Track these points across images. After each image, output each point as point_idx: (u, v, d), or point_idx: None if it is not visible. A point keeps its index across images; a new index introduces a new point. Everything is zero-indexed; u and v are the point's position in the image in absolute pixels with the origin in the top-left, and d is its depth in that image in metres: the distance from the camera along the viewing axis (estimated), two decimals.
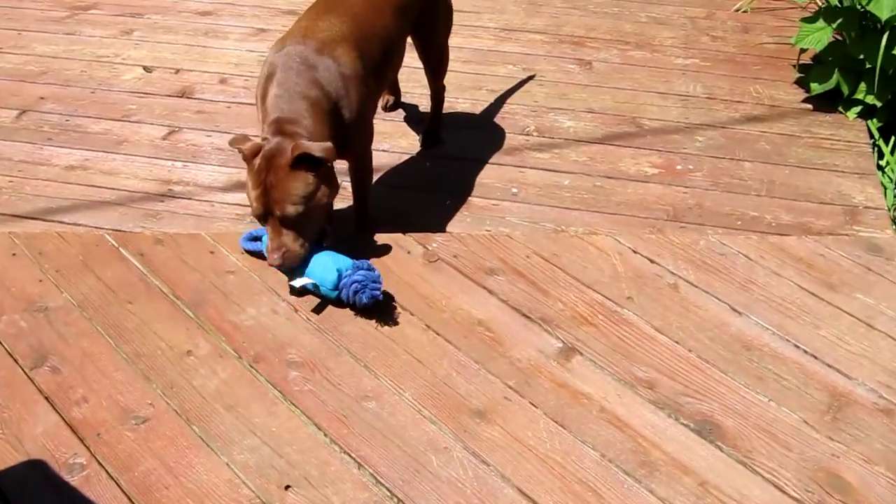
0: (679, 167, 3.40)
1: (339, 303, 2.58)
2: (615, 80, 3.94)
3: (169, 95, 3.89)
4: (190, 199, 3.30)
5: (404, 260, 2.73)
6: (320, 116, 2.58)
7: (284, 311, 2.58)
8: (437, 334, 2.50)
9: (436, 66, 3.42)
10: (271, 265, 2.52)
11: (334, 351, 2.46)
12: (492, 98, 3.82)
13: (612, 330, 2.53)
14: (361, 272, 2.51)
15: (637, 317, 2.55)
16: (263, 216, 2.51)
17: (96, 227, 3.17)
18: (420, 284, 2.65)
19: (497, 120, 3.69)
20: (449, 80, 3.51)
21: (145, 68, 4.06)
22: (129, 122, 3.72)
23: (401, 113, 3.74)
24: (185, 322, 2.55)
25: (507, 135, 3.60)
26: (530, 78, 3.96)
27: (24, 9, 4.64)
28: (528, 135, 3.60)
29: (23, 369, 2.42)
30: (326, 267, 2.54)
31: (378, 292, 2.51)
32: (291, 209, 2.47)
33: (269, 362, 2.43)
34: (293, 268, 2.55)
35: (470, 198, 3.28)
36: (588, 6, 4.57)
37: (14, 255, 2.78)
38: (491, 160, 3.46)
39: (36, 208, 3.28)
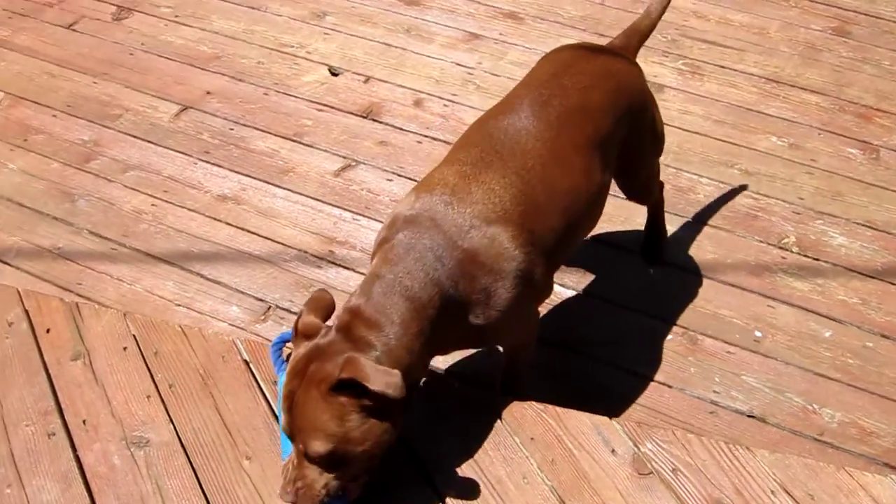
0: None
1: None
2: None
3: (352, 113, 3.26)
4: (352, 269, 2.73)
5: (605, 463, 2.03)
6: (418, 328, 1.82)
7: None
8: None
9: (641, 195, 2.62)
10: (280, 498, 1.81)
11: None
12: (744, 182, 3.00)
13: None
14: None
15: None
16: (290, 435, 1.80)
17: (240, 291, 2.64)
18: None
19: (747, 218, 2.89)
20: (695, 147, 2.69)
21: (331, 71, 3.43)
22: (301, 143, 3.14)
23: None
24: None
25: (757, 244, 2.81)
26: (798, 160, 3.10)
27: None
28: (785, 249, 2.80)
29: None
30: None
31: None
32: (315, 445, 1.74)
33: None
34: None
35: (697, 334, 2.56)
36: (883, 61, 3.53)
37: (125, 349, 2.25)
38: (732, 280, 2.70)
39: (174, 250, 2.78)
